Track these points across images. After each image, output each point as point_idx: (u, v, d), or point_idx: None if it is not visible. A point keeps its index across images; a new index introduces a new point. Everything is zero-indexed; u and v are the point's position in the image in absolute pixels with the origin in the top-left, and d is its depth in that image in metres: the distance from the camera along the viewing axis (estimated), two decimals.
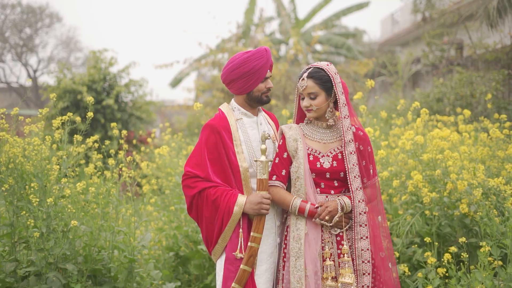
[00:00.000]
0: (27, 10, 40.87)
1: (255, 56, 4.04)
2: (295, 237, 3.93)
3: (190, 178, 4.00)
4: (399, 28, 28.22)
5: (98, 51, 15.08)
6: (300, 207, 3.91)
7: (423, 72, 19.31)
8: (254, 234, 3.89)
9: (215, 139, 4.01)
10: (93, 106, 14.37)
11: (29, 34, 41.52)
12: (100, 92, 14.62)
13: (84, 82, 14.38)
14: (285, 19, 24.41)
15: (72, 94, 14.27)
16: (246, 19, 24.42)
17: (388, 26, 30.92)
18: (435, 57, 17.26)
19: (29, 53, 41.70)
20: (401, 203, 6.16)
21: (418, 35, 22.69)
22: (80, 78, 14.52)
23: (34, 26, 41.56)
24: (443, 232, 5.65)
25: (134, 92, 15.42)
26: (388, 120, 9.97)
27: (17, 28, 40.79)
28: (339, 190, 4.01)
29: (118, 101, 15.13)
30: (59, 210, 5.22)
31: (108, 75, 14.96)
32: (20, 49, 41.01)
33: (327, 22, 24.47)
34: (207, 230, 4.02)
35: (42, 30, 41.90)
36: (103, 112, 14.64)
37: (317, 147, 4.03)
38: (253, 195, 3.92)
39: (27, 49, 41.31)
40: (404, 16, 27.23)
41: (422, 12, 18.38)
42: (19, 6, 40.81)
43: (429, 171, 5.84)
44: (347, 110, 3.97)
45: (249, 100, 4.13)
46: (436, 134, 5.89)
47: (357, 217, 3.92)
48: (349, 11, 23.83)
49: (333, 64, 13.21)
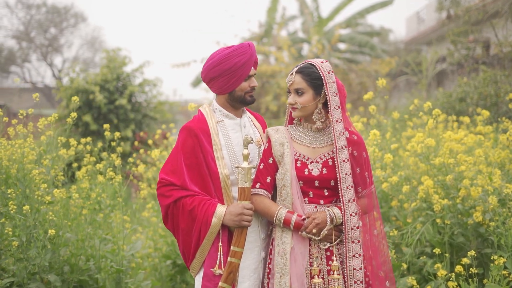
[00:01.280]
0: (52, 10, 41.09)
1: (237, 51, 3.67)
2: (280, 252, 3.55)
3: (164, 186, 3.65)
4: (424, 27, 27.73)
5: (111, 50, 14.86)
6: (285, 218, 3.53)
7: (448, 71, 18.87)
8: (235, 248, 3.52)
9: (193, 143, 3.65)
10: (106, 106, 14.16)
11: (54, 34, 41.71)
12: (113, 92, 14.37)
13: (96, 81, 14.15)
14: (308, 17, 24.03)
15: (85, 94, 14.04)
16: (268, 17, 24.11)
17: (413, 24, 30.44)
18: (461, 55, 16.79)
19: (54, 53, 41.89)
20: (412, 210, 5.76)
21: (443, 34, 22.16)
22: (93, 77, 14.29)
23: (59, 26, 41.78)
24: (456, 241, 5.28)
25: (148, 92, 15.14)
26: (406, 121, 9.56)
27: (42, 28, 41.01)
28: (330, 200, 3.62)
29: (132, 101, 14.87)
30: (40, 217, 4.90)
31: (122, 75, 14.70)
32: (45, 49, 41.21)
33: (350, 21, 24.06)
34: (184, 243, 3.66)
35: (67, 30, 42.10)
36: (116, 113, 14.40)
37: (305, 152, 3.66)
38: (234, 206, 3.55)
39: (52, 49, 41.49)
40: (430, 14, 26.70)
41: (447, 9, 17.91)
42: (44, 6, 41.03)
43: (442, 176, 5.44)
44: (340, 113, 3.59)
45: (231, 101, 3.75)
46: (448, 137, 5.47)
47: (348, 233, 3.54)
48: (373, 9, 23.36)
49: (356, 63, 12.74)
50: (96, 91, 13.65)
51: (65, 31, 42.04)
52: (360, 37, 22.76)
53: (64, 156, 5.62)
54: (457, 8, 17.43)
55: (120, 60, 14.81)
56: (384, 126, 7.00)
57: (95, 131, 14.10)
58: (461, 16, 16.89)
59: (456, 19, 17.69)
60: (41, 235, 4.84)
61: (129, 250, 5.30)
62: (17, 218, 4.73)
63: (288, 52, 20.10)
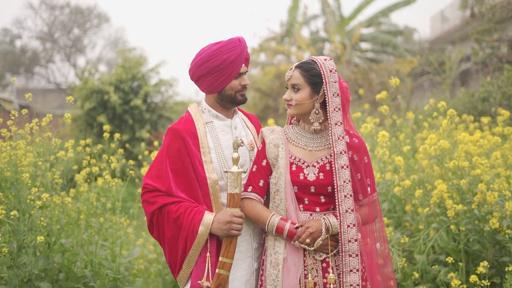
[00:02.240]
0: (75, 11, 41.31)
1: (227, 47, 3.42)
2: (272, 262, 3.30)
3: (149, 192, 3.41)
4: (449, 25, 27.37)
5: (126, 50, 14.73)
6: (278, 226, 3.28)
7: (472, 70, 18.52)
8: (223, 259, 3.26)
9: (178, 146, 3.41)
10: (121, 107, 14.00)
11: (78, 35, 41.93)
12: (128, 92, 14.20)
13: (111, 82, 13.99)
14: (330, 17, 23.75)
15: (99, 94, 13.89)
16: (289, 17, 23.88)
17: (437, 23, 30.05)
18: (485, 54, 16.44)
19: (78, 53, 42.11)
20: (425, 216, 5.47)
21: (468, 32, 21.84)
22: (107, 78, 14.15)
23: (82, 27, 41.99)
24: (472, 249, 5.01)
25: (164, 92, 14.95)
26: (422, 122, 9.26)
27: (66, 29, 41.22)
28: (326, 207, 3.36)
29: (147, 102, 14.70)
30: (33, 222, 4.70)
31: (137, 75, 14.54)
32: (68, 49, 41.42)
33: (373, 20, 23.73)
34: (170, 253, 3.41)
35: (90, 30, 42.31)
36: (131, 113, 14.23)
37: (301, 155, 3.40)
38: (222, 213, 3.30)
39: (75, 50, 41.71)
40: (454, 13, 26.35)
41: (471, 7, 17.56)
42: (68, 7, 41.26)
43: (457, 180, 5.15)
44: (340, 116, 3.32)
45: (221, 100, 3.51)
46: (463, 138, 5.17)
47: (345, 245, 3.26)
48: (395, 8, 23.01)
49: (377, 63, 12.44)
50: (110, 92, 13.50)
51: (88, 31, 42.30)
52: (383, 36, 22.45)
53: (63, 158, 5.40)
54: (481, 6, 17.15)
55: (135, 60, 14.65)
56: (399, 127, 6.72)
57: (109, 132, 13.90)
58: (485, 14, 16.62)
59: (480, 17, 17.40)
60: (32, 241, 4.63)
61: (127, 257, 5.07)
62: (6, 223, 4.54)
63: (307, 51, 19.84)
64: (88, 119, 13.86)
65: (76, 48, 41.53)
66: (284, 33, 22.98)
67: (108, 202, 5.39)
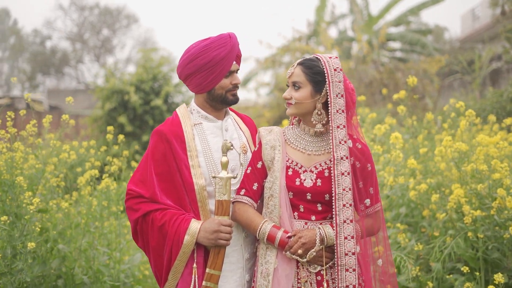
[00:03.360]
0: (104, 12, 41.59)
1: (216, 43, 3.20)
2: (263, 273, 3.08)
3: (133, 198, 3.20)
4: (479, 24, 26.90)
5: (150, 49, 14.62)
6: (269, 234, 3.04)
7: (503, 69, 18.10)
8: (210, 271, 3.04)
9: (164, 149, 3.20)
10: (142, 107, 13.88)
11: (107, 36, 42.21)
12: (149, 93, 14.07)
13: (132, 82, 13.87)
14: (358, 16, 23.45)
15: (120, 94, 13.78)
16: (317, 16, 23.64)
17: (468, 21, 29.60)
18: None
19: (107, 54, 42.40)
20: (442, 222, 5.21)
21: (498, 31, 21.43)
22: (128, 78, 14.03)
23: (111, 28, 42.26)
24: (491, 257, 4.75)
25: (185, 92, 14.79)
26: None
27: (95, 30, 41.52)
28: (323, 216, 3.11)
29: (168, 102, 14.54)
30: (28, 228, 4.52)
31: (158, 75, 14.40)
32: (98, 50, 41.73)
33: (402, 18, 23.39)
34: (155, 263, 3.20)
35: (119, 31, 42.55)
36: (152, 113, 14.09)
37: (299, 159, 3.16)
38: (209, 221, 3.07)
39: (105, 50, 42.00)
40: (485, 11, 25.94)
41: (501, 5, 17.19)
42: (97, 7, 41.56)
43: (475, 184, 4.87)
44: (343, 118, 3.07)
45: (210, 100, 3.28)
46: (482, 140, 4.89)
47: (341, 259, 3.01)
48: (424, 6, 22.65)
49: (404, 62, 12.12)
50: (131, 92, 13.37)
51: (117, 32, 42.51)
52: (411, 35, 22.11)
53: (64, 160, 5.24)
54: None
55: (157, 60, 14.51)
56: (417, 128, 6.44)
57: (130, 133, 13.82)
58: None
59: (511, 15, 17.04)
60: (26, 247, 4.45)
61: (128, 263, 4.88)
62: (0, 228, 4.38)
63: (331, 50, 19.59)
64: (109, 120, 13.76)
65: (106, 48, 41.81)
66: (312, 33, 22.73)
67: (112, 205, 5.21)
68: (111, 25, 41.82)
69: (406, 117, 6.33)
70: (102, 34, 41.82)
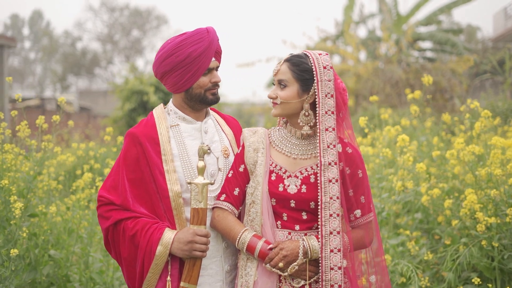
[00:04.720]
0: (134, 13, 41.78)
1: (192, 39, 2.96)
2: (242, 285, 2.86)
3: (104, 205, 2.98)
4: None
5: None
6: (249, 244, 2.81)
7: None
8: (185, 284, 2.81)
9: (136, 153, 2.97)
10: None
11: (137, 37, 42.39)
12: (168, 93, 13.96)
13: (151, 82, 13.75)
14: (387, 15, 23.07)
15: (139, 94, 13.67)
16: (345, 16, 23.32)
17: (501, 21, 28.95)
18: None
19: (137, 55, 42.59)
20: (456, 229, 4.93)
21: None
22: (147, 78, 13.93)
23: (141, 29, 42.43)
24: (508, 267, 4.47)
25: None
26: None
27: (125, 31, 41.73)
28: (308, 226, 2.87)
29: None
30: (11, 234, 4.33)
31: None
32: (128, 51, 41.93)
33: (431, 17, 22.94)
34: (128, 275, 2.98)
35: (149, 32, 42.70)
36: None
37: (283, 163, 2.92)
38: (183, 231, 2.84)
39: (135, 51, 42.19)
40: None
41: None
42: (127, 9, 41.77)
43: (490, 189, 4.59)
44: (332, 121, 2.83)
45: (188, 100, 3.04)
46: (496, 143, 4.59)
47: (326, 274, 2.77)
48: (455, 5, 22.17)
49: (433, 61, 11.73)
50: (150, 92, 13.25)
51: (147, 33, 42.67)
52: (441, 34, 21.64)
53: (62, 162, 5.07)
54: None
55: None
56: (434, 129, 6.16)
57: None
58: None
59: None
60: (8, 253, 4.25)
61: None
62: None
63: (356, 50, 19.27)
64: (129, 120, 13.65)
65: (136, 49, 41.98)
66: (340, 33, 22.40)
67: None
68: (141, 26, 41.97)
69: (420, 118, 6.06)
70: (132, 35, 42.01)
